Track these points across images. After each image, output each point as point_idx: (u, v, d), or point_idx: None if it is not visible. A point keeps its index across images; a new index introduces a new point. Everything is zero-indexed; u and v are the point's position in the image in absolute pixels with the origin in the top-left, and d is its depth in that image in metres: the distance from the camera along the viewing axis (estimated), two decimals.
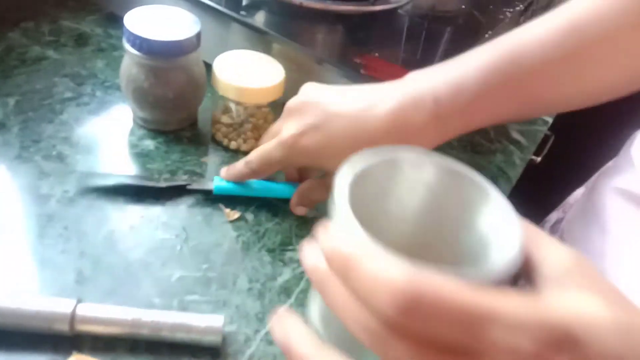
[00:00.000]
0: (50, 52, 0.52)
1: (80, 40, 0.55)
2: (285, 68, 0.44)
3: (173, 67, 0.42)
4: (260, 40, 0.47)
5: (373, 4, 0.52)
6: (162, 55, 0.41)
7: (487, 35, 0.55)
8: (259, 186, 0.41)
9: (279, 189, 0.41)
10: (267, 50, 0.47)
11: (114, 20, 0.57)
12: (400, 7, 0.54)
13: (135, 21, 0.41)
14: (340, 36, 0.52)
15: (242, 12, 0.48)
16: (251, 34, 0.47)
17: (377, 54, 0.48)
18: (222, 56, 0.44)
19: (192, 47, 0.42)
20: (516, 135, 0.56)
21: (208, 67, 0.45)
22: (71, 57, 0.52)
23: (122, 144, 0.44)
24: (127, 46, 0.41)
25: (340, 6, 0.51)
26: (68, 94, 0.48)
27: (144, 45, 0.40)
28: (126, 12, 0.56)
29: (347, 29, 0.52)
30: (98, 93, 0.49)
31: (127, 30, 0.40)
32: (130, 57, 0.42)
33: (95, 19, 0.58)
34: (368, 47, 0.49)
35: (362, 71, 0.45)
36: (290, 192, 0.40)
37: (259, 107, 0.44)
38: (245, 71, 0.43)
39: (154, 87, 0.42)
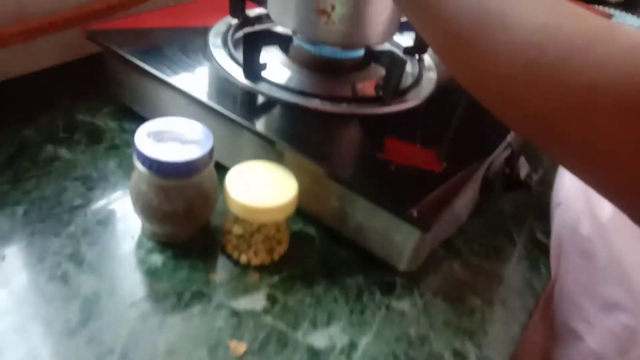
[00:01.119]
0: (63, 152, 0.52)
1: (94, 136, 0.55)
2: (299, 177, 0.43)
3: (184, 185, 0.41)
4: (273, 149, 0.46)
5: (389, 104, 0.51)
6: (172, 176, 0.40)
7: None
8: None
9: None
10: (279, 158, 0.46)
11: (129, 113, 0.57)
12: (418, 106, 0.53)
13: (146, 138, 0.40)
14: (356, 136, 0.51)
15: (255, 119, 0.47)
16: (264, 143, 0.46)
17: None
18: (234, 170, 0.43)
19: (203, 165, 0.41)
20: (540, 236, 0.53)
21: (221, 168, 0.44)
22: (84, 156, 0.52)
23: (130, 261, 0.43)
24: (137, 163, 0.40)
25: (356, 109, 0.50)
26: (78, 201, 0.47)
27: (154, 166, 0.39)
28: (139, 106, 0.56)
29: (363, 130, 0.50)
30: (108, 200, 0.48)
31: (137, 148, 0.40)
32: (140, 174, 0.41)
33: (110, 111, 0.58)
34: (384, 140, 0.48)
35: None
36: None
37: None
38: (257, 186, 0.42)
39: (163, 204, 0.41)
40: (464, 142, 0.51)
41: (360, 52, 0.55)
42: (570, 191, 0.51)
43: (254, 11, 0.62)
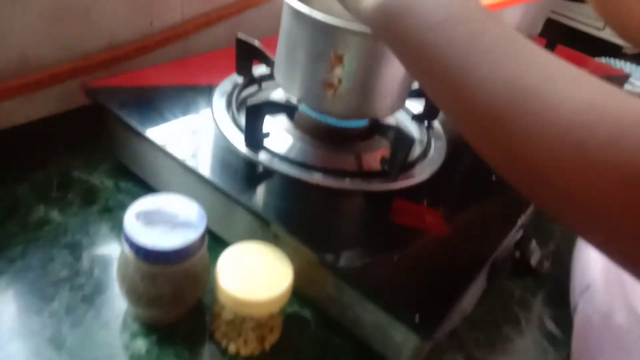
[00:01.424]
0: (55, 214, 0.50)
1: (88, 196, 0.53)
2: (295, 259, 0.41)
3: (172, 271, 0.39)
4: (268, 229, 0.44)
5: (394, 180, 0.49)
6: (160, 263, 0.38)
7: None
8: None
9: None
10: (275, 237, 0.43)
11: (127, 171, 0.56)
12: (423, 183, 0.51)
13: (135, 219, 0.38)
14: (359, 215, 0.48)
15: (251, 194, 0.45)
16: (260, 222, 0.44)
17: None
18: (226, 253, 0.41)
19: (194, 251, 0.39)
20: (550, 326, 0.50)
21: (216, 239, 0.42)
22: (75, 219, 0.50)
23: (113, 346, 0.40)
24: (124, 245, 0.38)
25: (359, 185, 0.48)
26: (64, 272, 0.45)
27: (141, 252, 0.37)
28: (136, 167, 0.55)
29: (366, 208, 0.48)
30: (95, 271, 0.46)
31: (125, 231, 0.37)
32: (127, 257, 0.39)
33: (107, 168, 0.56)
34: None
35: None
36: None
37: None
38: (249, 273, 0.40)
39: (149, 289, 0.39)
40: (472, 226, 0.48)
41: (366, 122, 0.53)
42: (601, 274, 0.47)
43: (260, 68, 0.60)
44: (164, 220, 0.39)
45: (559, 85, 0.27)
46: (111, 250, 0.48)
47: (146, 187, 0.54)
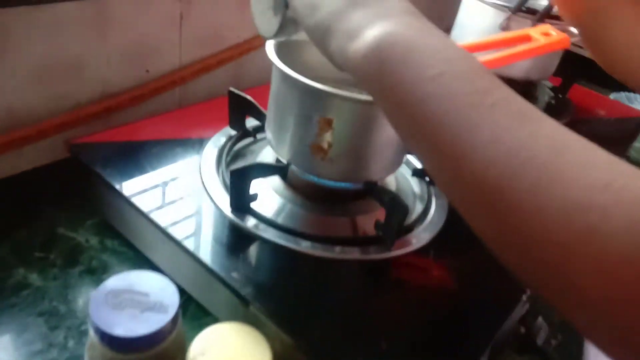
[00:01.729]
0: (34, 277, 0.48)
1: (71, 256, 0.51)
2: (274, 341, 0.38)
3: (141, 357, 0.36)
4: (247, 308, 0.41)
5: (389, 249, 0.46)
6: (126, 351, 0.35)
7: None
8: None
9: None
10: (254, 317, 0.40)
11: (113, 228, 0.53)
12: (422, 249, 0.48)
13: (102, 301, 0.36)
14: (349, 291, 0.45)
15: (232, 267, 0.42)
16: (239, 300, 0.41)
17: None
18: (200, 337, 0.38)
19: (164, 335, 0.36)
20: None
21: (201, 308, 0.39)
22: (55, 283, 0.48)
23: None
24: (90, 329, 0.36)
25: (351, 254, 0.45)
26: (36, 346, 0.42)
27: (106, 339, 0.35)
28: (120, 227, 0.52)
29: (358, 280, 0.45)
30: (70, 343, 0.43)
31: (90, 314, 0.35)
32: (93, 341, 0.36)
33: (93, 224, 0.55)
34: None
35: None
36: None
37: None
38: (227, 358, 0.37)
39: None
40: (473, 301, 0.45)
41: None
42: None
43: (254, 121, 0.58)
44: (134, 301, 0.37)
45: (570, 158, 0.24)
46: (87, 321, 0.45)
47: (132, 247, 0.52)
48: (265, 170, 0.47)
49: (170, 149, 0.54)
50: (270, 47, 0.45)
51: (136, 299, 0.37)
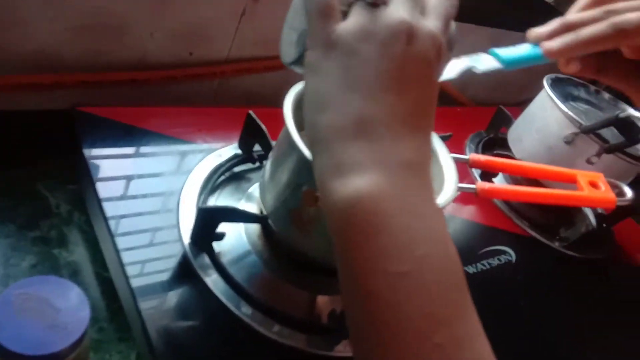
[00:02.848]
0: None
1: (34, 217, 0.49)
2: None
3: None
4: None
5: (333, 347, 0.42)
6: None
7: None
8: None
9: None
10: None
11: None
12: None
13: (10, 301, 0.34)
14: None
15: (160, 310, 0.40)
16: None
17: None
18: None
19: (64, 356, 0.34)
20: None
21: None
22: (3, 241, 0.47)
23: None
24: None
25: (292, 341, 0.42)
26: None
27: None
28: (89, 203, 0.50)
29: None
30: None
31: None
32: None
33: (73, 190, 0.53)
34: None
35: None
36: None
37: None
38: None
39: None
40: None
41: None
42: None
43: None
44: (42, 313, 0.35)
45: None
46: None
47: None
48: (240, 216, 0.44)
49: (168, 147, 0.52)
50: (292, 94, 0.42)
51: (46, 311, 0.35)
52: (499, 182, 0.74)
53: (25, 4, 0.49)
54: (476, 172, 0.73)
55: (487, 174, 0.70)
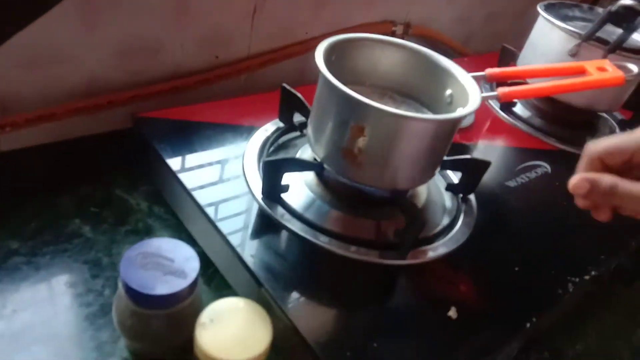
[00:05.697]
0: (87, 229, 0.54)
1: (122, 216, 0.57)
2: (278, 326, 0.41)
3: (160, 314, 0.41)
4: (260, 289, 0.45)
5: (404, 257, 0.48)
6: (148, 306, 0.40)
7: None
8: None
9: None
10: (265, 299, 0.44)
11: (162, 196, 0.59)
12: (436, 261, 0.49)
13: (133, 260, 0.41)
14: (360, 292, 0.47)
15: (253, 250, 0.46)
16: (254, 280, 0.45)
17: None
18: (215, 304, 0.42)
19: (181, 299, 0.40)
20: None
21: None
22: (103, 237, 0.54)
23: None
24: (119, 284, 0.41)
25: (366, 256, 0.47)
26: (77, 289, 0.48)
27: (130, 292, 0.39)
28: (166, 196, 0.58)
29: (370, 282, 0.47)
30: (106, 292, 0.49)
31: (120, 269, 0.40)
32: (120, 292, 0.41)
33: (146, 190, 0.60)
34: None
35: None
36: None
37: None
38: (228, 332, 0.40)
39: (136, 325, 0.41)
40: (477, 319, 0.46)
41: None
42: None
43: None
44: (159, 264, 0.41)
45: None
46: None
47: (175, 216, 0.57)
48: (299, 165, 0.51)
49: (221, 133, 0.58)
50: (320, 49, 0.48)
51: (162, 262, 0.41)
52: (517, 110, 0.79)
53: (68, 42, 0.56)
54: (496, 106, 0.79)
55: (508, 105, 0.76)
